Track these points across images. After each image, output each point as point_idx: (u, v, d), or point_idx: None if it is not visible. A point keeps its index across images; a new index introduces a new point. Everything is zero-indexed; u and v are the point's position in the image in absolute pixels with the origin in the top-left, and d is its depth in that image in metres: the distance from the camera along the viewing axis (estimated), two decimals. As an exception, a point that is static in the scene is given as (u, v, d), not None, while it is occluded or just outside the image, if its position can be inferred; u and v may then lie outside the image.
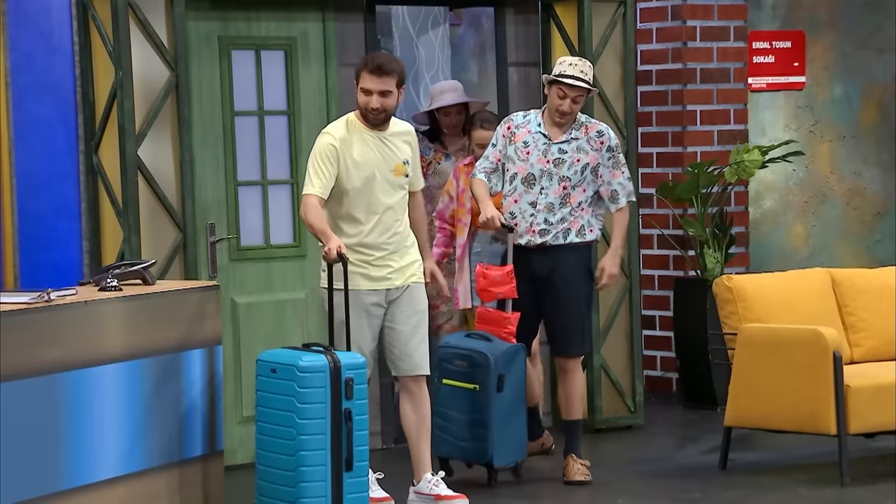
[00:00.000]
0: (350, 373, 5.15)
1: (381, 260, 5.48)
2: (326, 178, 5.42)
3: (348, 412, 5.12)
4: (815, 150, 8.34)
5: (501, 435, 5.84)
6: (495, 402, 5.80)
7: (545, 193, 5.89)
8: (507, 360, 5.84)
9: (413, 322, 5.53)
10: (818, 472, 6.14)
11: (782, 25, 8.24)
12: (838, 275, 6.56)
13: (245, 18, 6.55)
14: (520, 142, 5.94)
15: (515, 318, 5.86)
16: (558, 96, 5.89)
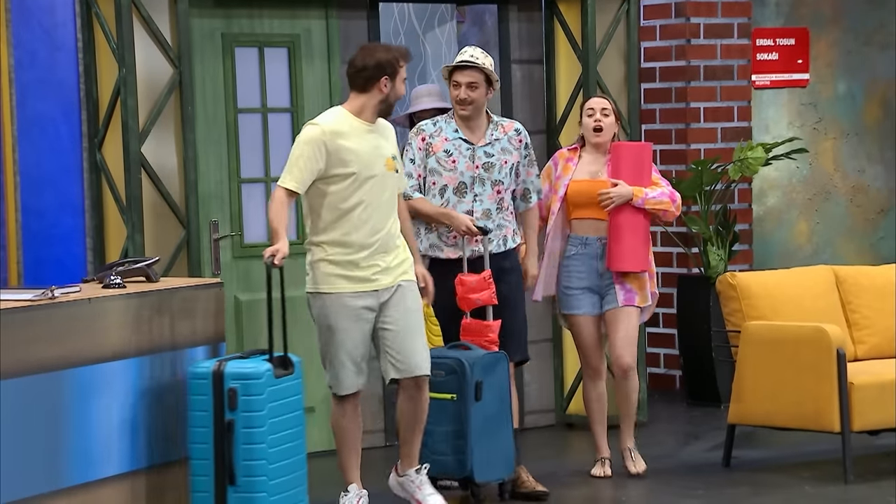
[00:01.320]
0: (235, 383, 4.90)
1: (368, 259, 5.22)
2: (306, 172, 5.17)
3: (230, 424, 4.88)
4: (819, 147, 8.33)
5: (483, 447, 5.52)
6: (473, 411, 5.50)
7: (479, 200, 5.66)
8: (485, 367, 5.55)
9: (408, 322, 5.29)
10: (822, 469, 6.14)
11: (786, 22, 8.23)
12: (842, 272, 6.56)
13: (248, 16, 6.55)
14: (440, 151, 5.67)
15: (496, 326, 5.63)
16: (453, 86, 5.64)
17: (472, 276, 5.61)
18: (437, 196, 5.65)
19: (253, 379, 4.92)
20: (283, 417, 5.04)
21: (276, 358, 5.05)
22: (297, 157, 5.20)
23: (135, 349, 5.02)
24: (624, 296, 5.86)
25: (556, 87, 7.25)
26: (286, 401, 5.07)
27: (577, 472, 6.13)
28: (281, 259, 5.06)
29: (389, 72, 5.25)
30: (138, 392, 5.02)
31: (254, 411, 4.91)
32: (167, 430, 5.15)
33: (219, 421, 4.90)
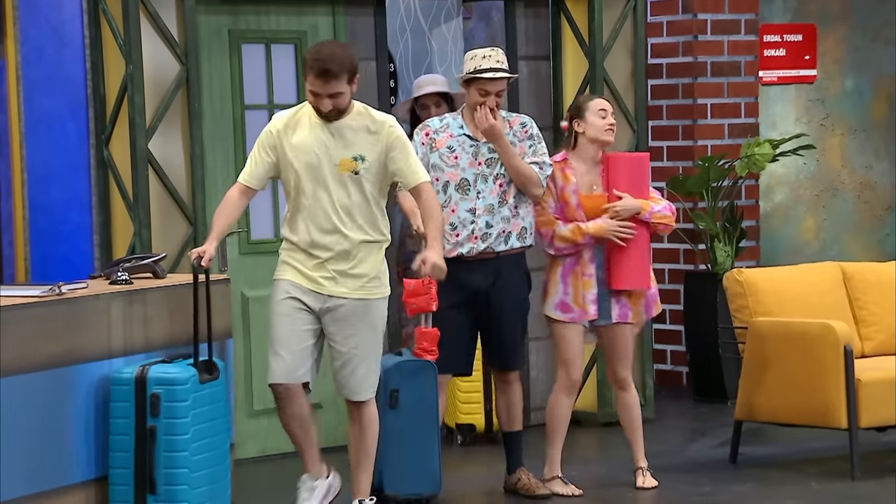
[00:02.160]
0: (159, 388, 4.71)
1: (314, 260, 4.97)
2: (257, 166, 5.00)
3: (152, 431, 4.69)
4: (826, 143, 8.32)
5: (397, 458, 5.27)
6: (385, 419, 5.23)
7: (482, 197, 5.49)
8: (404, 374, 5.31)
9: (353, 344, 4.99)
10: (829, 465, 6.13)
11: (793, 18, 8.22)
12: (849, 268, 6.55)
13: (255, 12, 6.55)
14: (444, 147, 5.52)
15: (432, 335, 5.37)
16: (480, 94, 5.46)
17: (414, 280, 5.38)
18: (439, 192, 5.49)
19: (177, 384, 4.74)
20: (206, 424, 4.85)
21: (200, 363, 4.86)
22: (253, 152, 5.08)
23: (142, 345, 5.02)
24: (618, 311, 5.65)
25: (562, 83, 7.24)
26: (210, 407, 4.87)
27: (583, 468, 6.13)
28: (208, 261, 4.83)
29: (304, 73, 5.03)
30: (145, 388, 5.03)
31: (177, 418, 4.72)
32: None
33: (140, 428, 4.71)
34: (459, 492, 5.73)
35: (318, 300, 5.01)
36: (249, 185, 5.02)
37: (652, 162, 7.82)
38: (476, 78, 5.49)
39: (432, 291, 5.34)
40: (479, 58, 5.51)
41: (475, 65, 5.51)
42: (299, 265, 5.02)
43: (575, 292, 5.60)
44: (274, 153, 5.01)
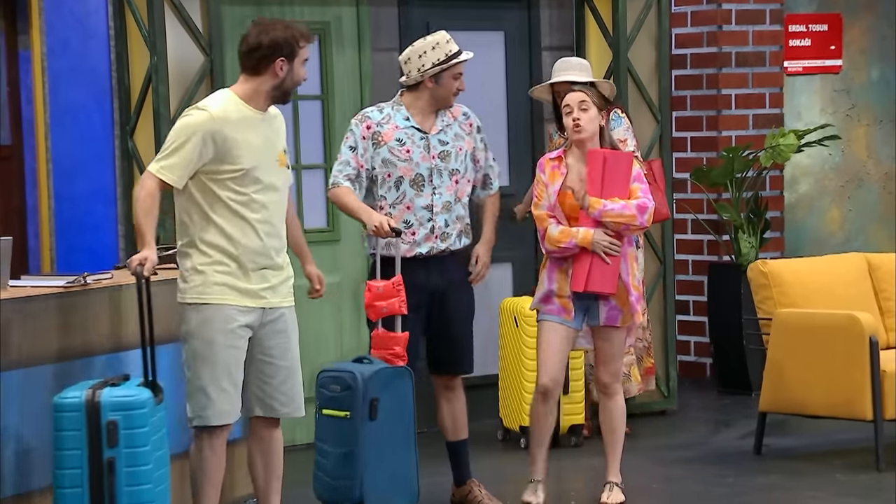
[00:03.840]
0: (115, 414, 4.16)
1: (258, 271, 4.51)
2: (188, 164, 4.42)
3: (111, 463, 4.14)
4: (852, 133, 8.27)
5: (377, 472, 4.95)
6: (366, 430, 4.93)
7: (439, 193, 5.22)
8: (382, 382, 4.99)
9: (292, 356, 4.61)
10: (854, 457, 6.11)
11: (819, 8, 8.17)
12: (874, 259, 6.52)
13: (279, 3, 6.55)
14: (392, 140, 5.21)
15: (404, 339, 5.09)
16: (454, 78, 5.21)
17: (381, 281, 5.12)
18: (392, 189, 5.21)
19: (136, 409, 4.22)
20: (161, 452, 4.38)
21: (149, 382, 4.41)
22: (179, 145, 4.45)
23: (166, 335, 5.03)
24: (606, 314, 5.34)
25: (586, 73, 7.22)
26: (163, 433, 4.42)
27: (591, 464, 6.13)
28: (151, 269, 4.39)
29: (286, 52, 4.52)
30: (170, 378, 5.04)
31: (138, 447, 4.20)
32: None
33: (95, 460, 4.15)
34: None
35: (258, 316, 4.55)
36: (175, 186, 4.48)
37: (676, 153, 7.81)
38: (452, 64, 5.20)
39: (402, 294, 5.10)
40: (445, 43, 5.23)
41: (446, 51, 5.23)
42: (236, 280, 4.49)
43: (560, 288, 5.32)
44: (210, 152, 4.47)
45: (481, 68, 6.99)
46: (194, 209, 4.51)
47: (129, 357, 4.88)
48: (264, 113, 4.57)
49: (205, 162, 4.47)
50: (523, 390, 6.28)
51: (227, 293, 4.50)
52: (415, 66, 5.24)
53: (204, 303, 4.50)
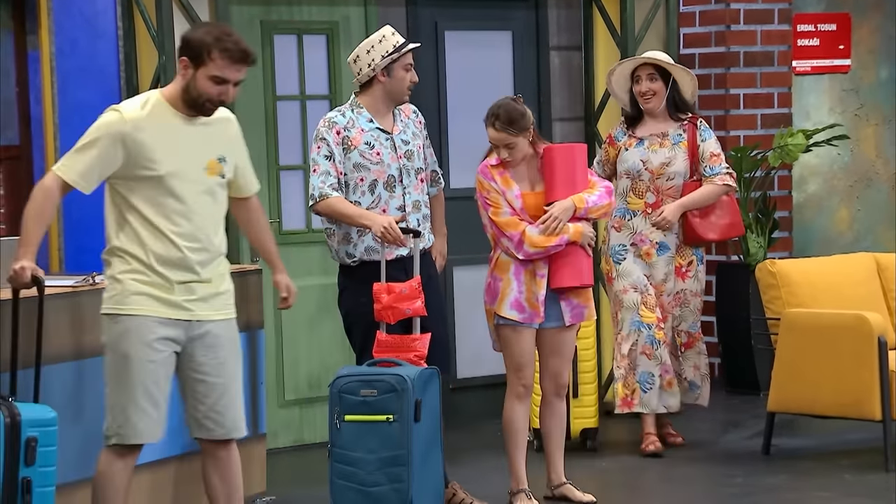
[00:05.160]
0: (34, 431, 3.89)
1: (180, 282, 4.24)
2: (95, 167, 4.13)
3: (27, 483, 3.86)
4: (860, 133, 8.26)
5: (422, 475, 4.94)
6: (414, 433, 4.91)
7: (408, 192, 5.22)
8: (423, 383, 4.98)
9: (229, 371, 4.33)
10: (862, 457, 6.10)
11: (827, 8, 8.16)
12: (883, 259, 6.51)
13: (287, 3, 6.56)
14: (361, 144, 5.17)
15: (426, 340, 5.06)
16: (405, 69, 5.17)
17: (399, 283, 5.07)
18: (366, 193, 5.17)
19: (50, 426, 3.94)
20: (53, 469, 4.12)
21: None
22: (87, 146, 4.17)
23: (175, 335, 5.03)
24: (571, 312, 5.35)
25: (594, 73, 7.22)
26: None
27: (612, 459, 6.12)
28: (28, 280, 4.08)
29: (191, 55, 4.17)
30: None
31: (49, 466, 3.94)
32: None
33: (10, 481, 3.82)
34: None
35: (184, 329, 4.27)
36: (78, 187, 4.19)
37: (684, 152, 7.79)
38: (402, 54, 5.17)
39: (422, 294, 5.09)
40: (390, 35, 5.21)
41: (393, 42, 5.18)
42: (157, 291, 4.22)
43: (528, 291, 5.28)
44: (121, 157, 4.17)
45: (489, 68, 7.00)
46: (113, 215, 4.24)
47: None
48: (194, 118, 4.25)
49: (116, 166, 4.16)
50: (534, 393, 6.10)
51: (146, 303, 4.18)
52: (364, 63, 5.22)
53: (121, 313, 4.20)
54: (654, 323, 6.17)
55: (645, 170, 6.24)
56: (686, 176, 6.26)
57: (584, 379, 6.24)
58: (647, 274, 6.24)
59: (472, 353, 6.81)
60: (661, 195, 6.25)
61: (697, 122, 6.31)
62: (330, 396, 5.01)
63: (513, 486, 5.42)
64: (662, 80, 6.27)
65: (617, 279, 6.25)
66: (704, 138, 6.27)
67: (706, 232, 6.26)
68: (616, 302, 6.26)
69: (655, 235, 6.24)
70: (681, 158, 6.25)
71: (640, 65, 6.30)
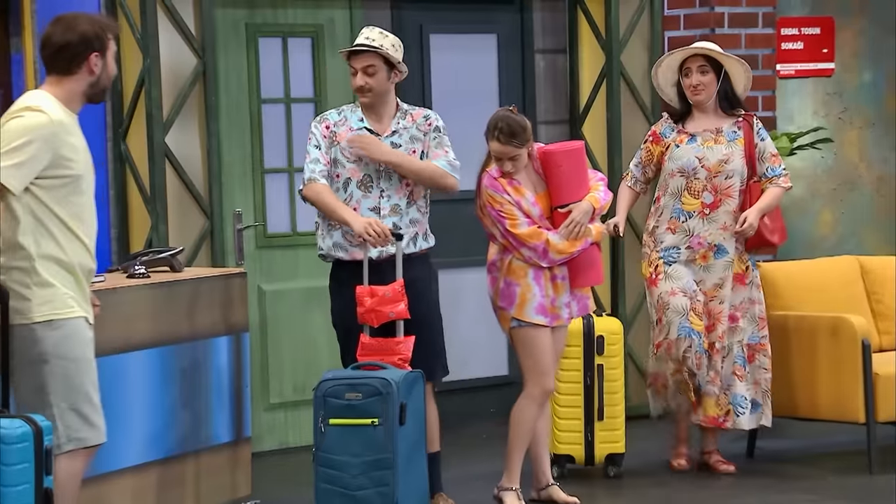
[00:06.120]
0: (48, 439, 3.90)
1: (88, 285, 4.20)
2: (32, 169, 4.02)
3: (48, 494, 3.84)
4: (844, 137, 8.28)
5: (406, 478, 4.94)
6: (399, 437, 4.90)
7: (387, 196, 5.15)
8: (407, 387, 4.97)
9: None
10: (846, 460, 6.12)
11: (811, 11, 8.18)
12: (867, 262, 6.53)
13: (272, 6, 6.55)
14: (344, 141, 5.19)
15: (410, 343, 5.05)
16: (351, 73, 5.18)
17: (382, 286, 5.05)
18: (340, 190, 5.17)
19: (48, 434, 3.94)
20: None
21: None
22: (24, 147, 4.03)
23: (159, 339, 5.04)
24: (578, 306, 5.37)
25: (579, 77, 7.23)
26: None
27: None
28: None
29: (98, 46, 4.15)
30: (162, 381, 5.04)
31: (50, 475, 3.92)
32: (192, 418, 5.16)
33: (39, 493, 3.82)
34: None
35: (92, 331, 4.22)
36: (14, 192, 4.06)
37: (669, 155, 7.79)
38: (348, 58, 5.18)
39: (406, 297, 5.07)
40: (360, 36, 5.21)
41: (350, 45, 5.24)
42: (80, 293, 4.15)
43: (547, 296, 5.29)
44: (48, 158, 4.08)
45: (474, 71, 7.00)
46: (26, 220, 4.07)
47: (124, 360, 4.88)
48: (76, 116, 4.19)
49: (42, 168, 4.05)
50: (555, 415, 5.81)
51: (77, 305, 4.12)
52: None
53: (60, 318, 4.09)
54: (703, 332, 5.80)
55: (701, 167, 5.82)
56: (744, 175, 5.86)
57: (611, 400, 5.82)
58: (699, 279, 5.84)
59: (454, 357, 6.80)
60: (720, 195, 5.83)
61: (753, 119, 5.96)
62: (315, 400, 5.00)
63: (504, 483, 5.40)
64: (714, 72, 5.88)
65: (665, 280, 5.82)
66: (763, 137, 5.92)
67: (770, 235, 5.88)
68: (661, 304, 5.81)
69: (714, 237, 5.83)
70: (738, 156, 5.85)
71: (690, 56, 5.90)
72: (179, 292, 5.15)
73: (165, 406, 5.04)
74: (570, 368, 5.77)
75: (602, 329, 5.80)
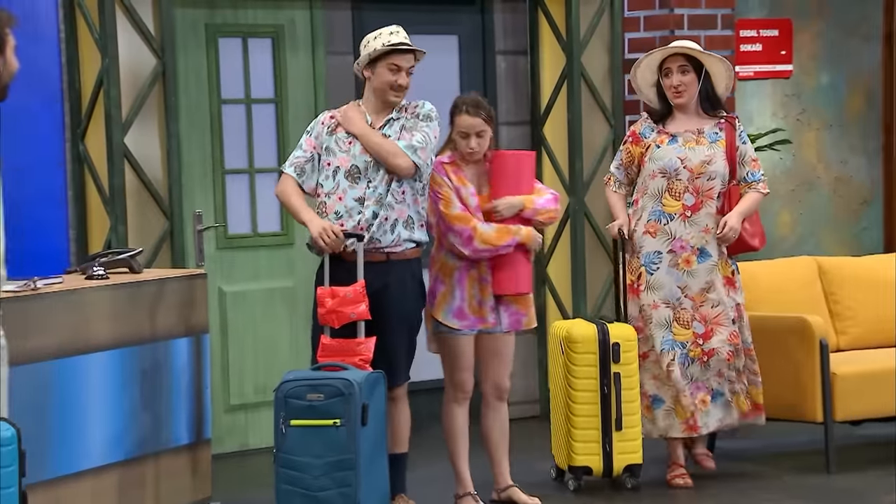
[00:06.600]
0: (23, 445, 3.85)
1: None
2: None
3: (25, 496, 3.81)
4: (802, 138, 8.35)
5: (368, 479, 4.93)
6: (361, 437, 4.90)
7: (373, 187, 5.15)
8: (369, 388, 4.96)
9: None
10: (804, 459, 6.16)
11: (770, 13, 8.24)
12: (825, 263, 6.58)
13: (232, 6, 6.53)
14: (342, 132, 5.21)
15: (371, 343, 5.04)
16: (391, 71, 5.16)
17: (343, 287, 5.05)
18: (329, 178, 5.19)
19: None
20: None
21: None
22: None
23: (118, 340, 5.01)
24: (509, 319, 5.33)
25: (540, 78, 7.25)
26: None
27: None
28: None
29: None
30: (121, 383, 5.02)
31: None
32: (152, 420, 5.14)
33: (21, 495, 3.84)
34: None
35: None
36: None
37: (629, 156, 7.82)
38: (388, 53, 5.16)
39: (367, 298, 5.07)
40: (387, 34, 5.22)
41: (384, 41, 5.19)
42: None
43: (471, 298, 5.26)
44: None
45: (435, 72, 7.00)
46: None
47: (83, 362, 4.85)
48: None
49: None
50: (571, 426, 5.66)
51: None
52: (361, 56, 5.28)
53: None
54: (689, 340, 5.68)
55: (683, 168, 5.68)
56: (725, 177, 5.71)
57: (628, 409, 5.62)
58: (683, 285, 5.69)
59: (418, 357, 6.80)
60: (701, 196, 5.69)
61: (735, 121, 5.82)
62: (276, 401, 4.98)
63: (459, 490, 5.42)
64: (695, 71, 5.73)
65: (646, 291, 5.70)
66: (745, 140, 5.78)
67: (751, 240, 5.77)
68: (643, 317, 5.71)
69: (696, 241, 5.69)
70: (720, 158, 5.70)
71: (670, 56, 5.75)
72: (139, 293, 5.12)
73: (125, 408, 5.02)
74: (586, 377, 5.58)
75: (617, 336, 5.59)
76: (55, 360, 4.76)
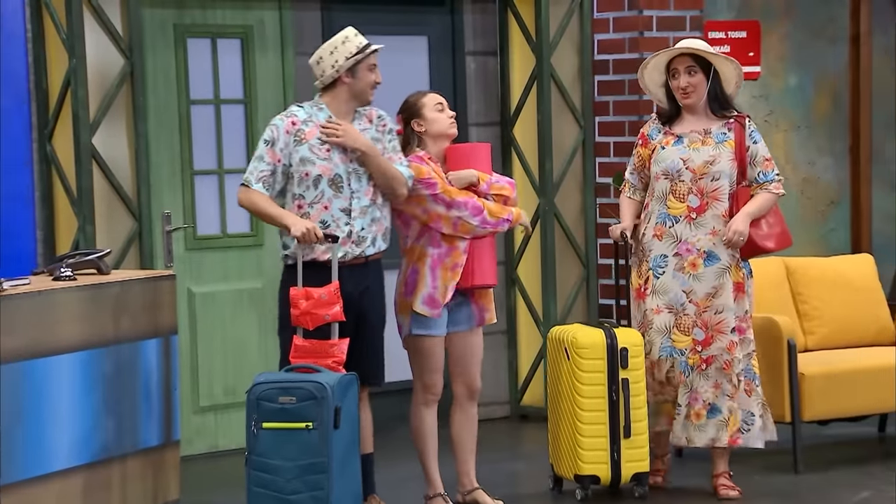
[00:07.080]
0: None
1: None
2: None
3: None
4: (770, 139, 8.38)
5: (341, 482, 4.91)
6: (334, 440, 4.88)
7: (357, 197, 5.15)
8: (342, 390, 4.94)
9: None
10: (772, 459, 6.19)
11: (738, 15, 8.28)
12: (792, 263, 6.61)
13: (201, 6, 6.51)
14: (313, 139, 5.13)
15: (344, 345, 5.01)
16: (371, 70, 5.20)
17: (318, 288, 5.03)
18: (311, 188, 5.13)
19: None
20: None
21: None
22: None
23: (86, 342, 4.99)
24: (478, 315, 5.34)
25: (509, 79, 7.26)
26: None
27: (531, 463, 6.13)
28: None
29: None
30: (89, 385, 4.99)
31: None
32: (120, 422, 5.12)
33: None
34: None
35: None
36: None
37: (599, 158, 7.85)
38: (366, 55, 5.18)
39: (341, 300, 5.05)
40: (353, 37, 5.22)
41: (356, 43, 5.20)
42: None
43: (442, 285, 5.23)
44: None
45: (405, 73, 7.00)
46: None
47: (50, 364, 4.82)
48: None
49: None
50: (578, 433, 5.50)
51: None
52: (328, 64, 5.21)
53: None
54: (687, 347, 5.56)
55: (686, 169, 5.54)
56: (732, 178, 5.57)
57: (637, 416, 5.48)
58: (688, 289, 5.55)
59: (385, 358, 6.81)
60: (706, 198, 5.55)
61: (745, 121, 5.65)
62: (247, 403, 4.95)
63: (429, 492, 5.41)
64: (703, 72, 5.57)
65: (651, 296, 5.58)
66: (755, 140, 5.61)
67: (764, 241, 5.59)
68: (645, 322, 5.60)
69: (704, 244, 5.53)
70: (726, 158, 5.56)
71: (676, 56, 5.60)
72: (107, 295, 5.10)
73: (92, 410, 4.99)
74: (594, 383, 5.44)
75: (625, 341, 5.46)
76: (22, 361, 4.73)
